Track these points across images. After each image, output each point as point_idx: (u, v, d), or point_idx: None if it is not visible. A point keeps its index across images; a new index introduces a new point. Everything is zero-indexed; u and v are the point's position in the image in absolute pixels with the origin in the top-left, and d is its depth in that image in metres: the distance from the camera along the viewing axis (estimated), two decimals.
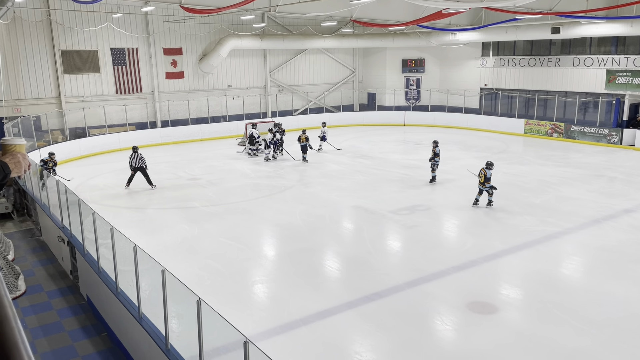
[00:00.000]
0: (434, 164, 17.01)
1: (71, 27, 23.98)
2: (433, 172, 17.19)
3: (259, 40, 28.50)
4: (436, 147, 16.96)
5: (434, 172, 17.18)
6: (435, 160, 16.91)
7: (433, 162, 16.97)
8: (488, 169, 14.23)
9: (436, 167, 17.09)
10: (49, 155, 16.25)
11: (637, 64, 23.31)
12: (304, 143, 20.75)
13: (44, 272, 11.86)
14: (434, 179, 17.21)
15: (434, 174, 17.21)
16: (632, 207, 14.36)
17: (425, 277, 10.07)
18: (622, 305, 8.88)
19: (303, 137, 20.75)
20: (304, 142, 20.76)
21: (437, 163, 16.98)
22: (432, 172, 17.20)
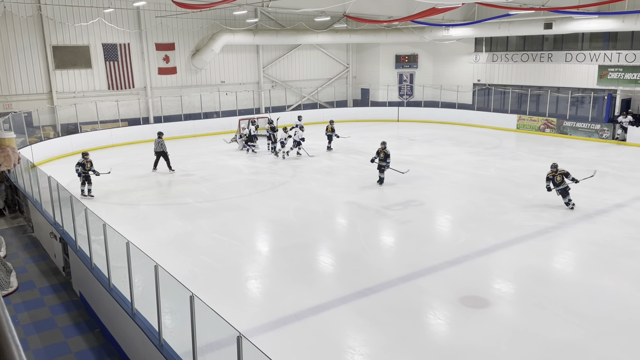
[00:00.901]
0: (386, 166, 16.23)
1: (62, 22, 23.78)
2: (382, 174, 16.42)
3: (251, 36, 28.41)
4: (385, 147, 16.31)
5: (382, 173, 16.41)
6: (387, 161, 16.19)
7: (386, 163, 16.19)
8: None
9: (386, 169, 16.33)
10: (83, 156, 15.54)
11: (628, 60, 23.44)
12: (330, 133, 22.19)
13: (36, 268, 11.80)
14: (382, 181, 16.41)
15: (382, 176, 16.43)
16: (623, 202, 14.47)
17: (418, 272, 10.11)
18: (613, 299, 8.95)
19: (330, 127, 22.25)
20: (330, 132, 22.20)
21: (388, 164, 16.23)
22: (382, 174, 16.41)
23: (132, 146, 24.37)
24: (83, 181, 15.45)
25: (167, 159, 18.63)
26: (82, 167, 15.36)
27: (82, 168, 15.35)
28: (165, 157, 18.58)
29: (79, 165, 15.38)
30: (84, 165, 15.37)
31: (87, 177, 15.44)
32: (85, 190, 15.51)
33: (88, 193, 15.50)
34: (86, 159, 15.45)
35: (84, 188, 15.50)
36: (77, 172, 15.45)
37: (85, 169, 15.34)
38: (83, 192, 15.45)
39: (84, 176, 15.41)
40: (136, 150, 23.25)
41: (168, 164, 18.64)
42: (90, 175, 15.46)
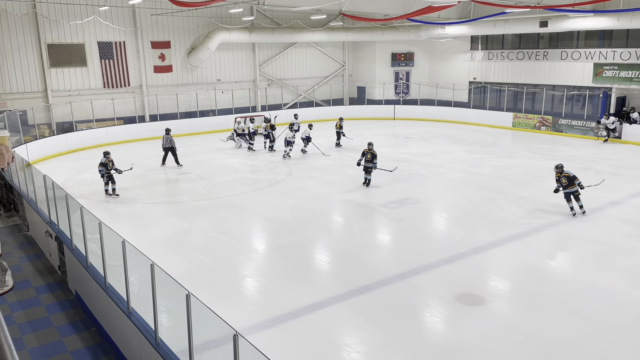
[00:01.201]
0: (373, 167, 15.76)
1: (57, 20, 23.68)
2: (369, 175, 15.93)
3: (247, 34, 28.36)
4: (372, 148, 15.86)
5: (369, 174, 15.92)
6: (374, 162, 15.71)
7: (373, 164, 15.71)
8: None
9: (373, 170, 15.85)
10: (105, 155, 15.22)
11: (623, 58, 23.51)
12: (339, 130, 22.56)
13: (32, 267, 11.77)
14: (368, 182, 15.95)
15: (369, 177, 15.95)
16: (618, 200, 14.53)
17: (414, 269, 10.13)
18: (608, 297, 9.00)
19: (339, 124, 22.65)
20: (339, 129, 22.57)
21: (375, 165, 15.78)
22: (368, 175, 15.92)
23: (128, 144, 24.30)
24: (107, 181, 15.18)
25: (175, 154, 19.35)
26: (105, 167, 15.04)
27: (105, 168, 15.03)
28: (173, 152, 19.32)
29: (102, 165, 15.05)
30: (107, 165, 15.05)
31: (110, 176, 15.13)
32: (109, 189, 15.27)
33: (113, 192, 15.27)
34: (108, 158, 15.13)
35: (107, 188, 15.25)
36: (100, 172, 15.12)
37: (108, 169, 15.02)
38: (107, 192, 15.23)
39: (107, 176, 15.12)
40: (132, 149, 23.18)
41: (176, 159, 19.34)
42: (113, 174, 15.16)
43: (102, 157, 15.22)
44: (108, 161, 15.07)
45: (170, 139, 19.28)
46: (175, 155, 19.38)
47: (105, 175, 15.14)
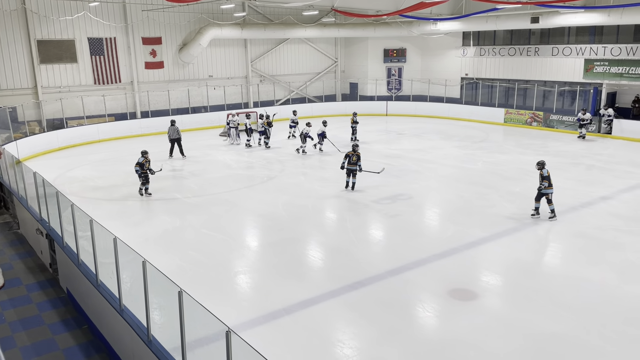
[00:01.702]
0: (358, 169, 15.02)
1: (47, 15, 23.46)
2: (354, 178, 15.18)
3: (239, 30, 28.25)
4: (356, 150, 15.06)
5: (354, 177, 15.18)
6: (359, 164, 14.96)
7: (357, 167, 14.96)
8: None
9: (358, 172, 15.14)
10: (143, 155, 14.78)
11: (614, 53, 23.66)
12: (354, 125, 22.97)
13: (23, 265, 11.69)
14: (353, 186, 15.20)
15: (354, 180, 15.21)
16: (608, 195, 14.64)
17: (407, 265, 10.16)
18: (599, 291, 9.07)
19: (353, 119, 23.07)
20: (354, 124, 22.97)
21: (360, 168, 15.03)
22: (354, 178, 15.17)
23: (119, 141, 24.17)
24: (143, 181, 14.84)
25: (181, 145, 20.07)
26: (142, 166, 14.65)
27: (142, 168, 14.65)
28: (179, 143, 20.01)
29: (139, 165, 14.64)
30: (143, 165, 14.65)
31: (146, 176, 14.77)
32: (144, 189, 14.97)
33: (145, 192, 14.99)
34: (146, 158, 14.72)
35: (142, 187, 14.93)
36: (136, 172, 14.73)
37: (144, 169, 14.65)
38: (141, 192, 14.94)
39: (143, 176, 14.75)
40: (123, 146, 23.06)
41: (181, 150, 20.06)
42: (148, 174, 14.80)
43: (140, 156, 14.79)
44: (146, 161, 14.66)
45: (176, 129, 19.98)
46: (181, 146, 20.04)
47: (142, 175, 14.70)
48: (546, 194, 12.45)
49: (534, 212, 12.72)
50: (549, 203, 12.50)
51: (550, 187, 12.39)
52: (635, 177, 16.50)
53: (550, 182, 12.37)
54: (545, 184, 12.34)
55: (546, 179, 12.34)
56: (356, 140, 22.47)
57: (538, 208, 12.64)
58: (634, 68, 22.98)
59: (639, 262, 10.23)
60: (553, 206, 12.54)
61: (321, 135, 20.71)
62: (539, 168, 12.52)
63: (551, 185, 12.40)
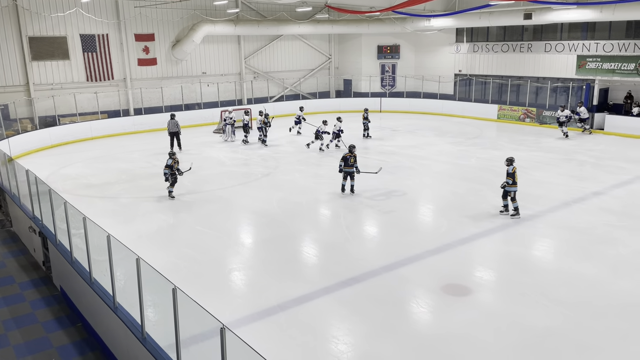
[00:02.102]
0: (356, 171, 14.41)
1: (38, 12, 23.28)
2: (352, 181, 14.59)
3: (233, 26, 28.15)
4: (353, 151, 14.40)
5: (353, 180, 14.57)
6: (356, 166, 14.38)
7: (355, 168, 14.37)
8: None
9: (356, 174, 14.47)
10: (171, 156, 14.42)
11: (606, 50, 23.76)
12: (366, 121, 22.92)
13: (16, 263, 11.64)
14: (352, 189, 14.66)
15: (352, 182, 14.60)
16: (601, 190, 14.73)
17: (401, 261, 10.20)
18: (591, 286, 9.14)
19: (364, 115, 23.05)
20: (365, 120, 22.93)
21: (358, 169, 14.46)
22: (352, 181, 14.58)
23: (112, 139, 24.06)
24: (172, 182, 14.51)
25: (179, 138, 20.61)
26: (171, 168, 14.30)
27: (170, 169, 14.33)
28: (178, 137, 20.49)
29: (168, 167, 14.30)
30: (172, 167, 14.33)
31: (175, 177, 14.47)
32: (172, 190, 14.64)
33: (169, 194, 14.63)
34: (174, 160, 14.40)
35: (172, 189, 14.60)
36: (165, 175, 14.42)
37: (173, 170, 14.35)
38: (171, 194, 14.57)
39: (173, 178, 14.44)
40: (116, 143, 22.97)
41: (179, 143, 20.52)
42: (177, 175, 14.50)
43: (169, 158, 14.43)
44: (174, 162, 14.39)
45: (176, 123, 20.45)
46: (179, 139, 20.51)
47: (171, 176, 14.41)
48: (509, 192, 12.38)
49: (503, 209, 12.69)
50: (512, 201, 12.39)
51: (514, 185, 12.25)
52: (627, 172, 16.62)
53: (514, 180, 12.23)
54: (509, 181, 12.22)
55: (510, 176, 12.22)
56: (369, 137, 22.49)
57: (507, 205, 12.60)
58: (626, 64, 23.09)
59: (631, 257, 10.31)
60: (517, 204, 12.39)
61: (338, 133, 20.36)
62: (507, 164, 12.44)
63: (515, 183, 12.26)
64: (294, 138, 23.32)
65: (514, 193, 12.39)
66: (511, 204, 12.48)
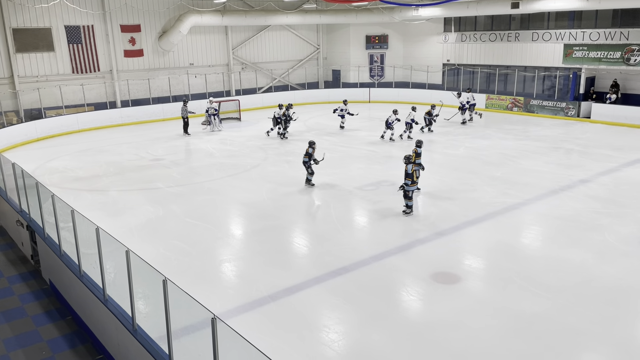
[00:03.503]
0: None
1: (22, 3, 22.91)
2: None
3: (220, 17, 27.91)
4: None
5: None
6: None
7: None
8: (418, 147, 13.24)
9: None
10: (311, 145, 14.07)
11: (592, 38, 23.92)
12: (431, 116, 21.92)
13: (4, 257, 11.54)
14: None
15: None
16: (587, 178, 14.89)
17: (391, 250, 10.26)
18: (578, 272, 9.27)
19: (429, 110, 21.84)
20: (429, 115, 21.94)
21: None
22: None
23: (99, 131, 23.85)
24: (311, 171, 14.40)
25: (187, 124, 22.16)
26: (310, 156, 14.20)
27: (309, 158, 14.17)
28: (187, 122, 22.09)
29: (307, 155, 14.17)
30: (311, 155, 14.19)
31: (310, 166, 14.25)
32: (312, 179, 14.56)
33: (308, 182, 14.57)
34: (314, 149, 14.18)
35: (311, 178, 14.53)
36: (305, 163, 14.30)
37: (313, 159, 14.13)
38: (310, 182, 14.53)
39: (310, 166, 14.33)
40: (104, 136, 22.77)
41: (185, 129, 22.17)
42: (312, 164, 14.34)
43: (308, 147, 14.26)
44: (314, 151, 14.17)
45: (186, 109, 21.99)
46: (187, 125, 22.08)
47: (310, 165, 14.27)
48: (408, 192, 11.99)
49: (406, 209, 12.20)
50: (409, 199, 12.03)
51: (413, 184, 11.97)
52: (613, 160, 16.81)
53: (413, 179, 11.91)
54: (408, 182, 11.90)
55: (409, 176, 11.85)
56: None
57: (411, 206, 12.14)
58: (612, 52, 23.27)
59: (617, 243, 10.46)
60: (412, 202, 12.11)
61: (411, 123, 20.09)
62: (405, 162, 11.98)
63: (414, 182, 11.98)
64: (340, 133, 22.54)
65: (412, 193, 12.02)
66: (406, 201, 12.09)
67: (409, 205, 12.16)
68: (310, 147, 14.37)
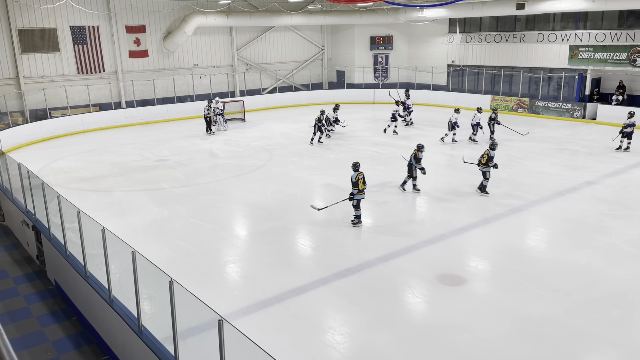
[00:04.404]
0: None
1: (28, 4, 22.99)
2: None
3: (225, 18, 27.95)
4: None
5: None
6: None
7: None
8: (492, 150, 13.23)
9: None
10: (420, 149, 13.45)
11: (598, 39, 23.82)
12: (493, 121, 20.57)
13: (9, 257, 11.57)
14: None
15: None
16: (593, 179, 14.82)
17: (396, 251, 10.23)
18: (585, 274, 9.22)
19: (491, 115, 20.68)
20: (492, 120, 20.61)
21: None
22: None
23: (104, 132, 23.90)
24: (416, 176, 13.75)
25: (210, 123, 22.36)
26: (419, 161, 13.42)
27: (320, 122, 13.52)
28: (208, 121, 22.27)
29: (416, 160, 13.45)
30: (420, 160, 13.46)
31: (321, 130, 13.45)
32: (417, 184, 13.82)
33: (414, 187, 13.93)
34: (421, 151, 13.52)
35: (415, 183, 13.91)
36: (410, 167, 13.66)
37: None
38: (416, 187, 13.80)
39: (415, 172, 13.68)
40: (109, 136, 22.82)
41: (208, 127, 22.33)
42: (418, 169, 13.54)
43: (417, 150, 13.57)
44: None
45: (211, 109, 22.36)
46: (210, 124, 22.32)
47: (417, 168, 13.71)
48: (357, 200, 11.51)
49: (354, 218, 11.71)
50: (356, 208, 11.57)
51: (361, 193, 11.45)
52: (619, 161, 16.72)
53: (359, 188, 11.36)
54: (355, 191, 11.42)
55: (355, 185, 11.38)
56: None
57: (359, 216, 11.65)
58: (618, 54, 23.17)
59: (623, 245, 10.40)
60: (360, 212, 11.61)
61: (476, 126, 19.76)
62: (354, 169, 11.50)
63: (361, 191, 11.42)
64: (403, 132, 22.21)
65: (357, 201, 11.52)
66: (354, 211, 11.61)
67: (357, 215, 11.62)
68: (419, 150, 13.58)
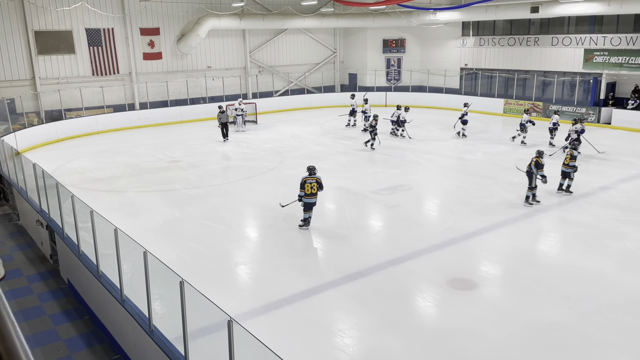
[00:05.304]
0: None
1: (44, 6, 23.32)
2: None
3: (238, 20, 28.10)
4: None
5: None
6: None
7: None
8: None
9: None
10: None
11: (614, 43, 23.58)
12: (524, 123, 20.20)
13: (23, 256, 11.71)
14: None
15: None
16: (607, 185, 14.66)
17: (407, 255, 10.20)
18: (598, 280, 9.12)
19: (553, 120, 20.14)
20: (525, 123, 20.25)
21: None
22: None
23: (118, 133, 24.13)
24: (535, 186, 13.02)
25: (228, 129, 21.81)
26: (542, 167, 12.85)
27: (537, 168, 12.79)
28: (227, 127, 21.70)
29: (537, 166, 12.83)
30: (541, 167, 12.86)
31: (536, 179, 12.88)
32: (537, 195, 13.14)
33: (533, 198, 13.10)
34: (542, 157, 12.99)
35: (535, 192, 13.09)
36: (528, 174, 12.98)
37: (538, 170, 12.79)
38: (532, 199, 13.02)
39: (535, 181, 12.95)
40: (122, 137, 23.04)
41: (225, 133, 21.65)
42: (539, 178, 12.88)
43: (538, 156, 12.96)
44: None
45: (226, 115, 21.90)
46: (227, 129, 21.80)
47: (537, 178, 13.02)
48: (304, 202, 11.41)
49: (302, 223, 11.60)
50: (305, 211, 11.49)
51: (309, 197, 11.30)
52: (634, 167, 16.53)
53: (306, 192, 11.25)
54: (302, 193, 11.30)
55: (301, 187, 11.32)
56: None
57: (306, 219, 11.55)
58: (633, 58, 22.92)
59: (637, 251, 10.28)
60: (307, 215, 11.52)
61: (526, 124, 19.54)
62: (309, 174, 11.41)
63: (309, 195, 11.26)
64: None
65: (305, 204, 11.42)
66: (304, 214, 11.55)
67: (304, 218, 11.52)
68: (539, 157, 12.97)
